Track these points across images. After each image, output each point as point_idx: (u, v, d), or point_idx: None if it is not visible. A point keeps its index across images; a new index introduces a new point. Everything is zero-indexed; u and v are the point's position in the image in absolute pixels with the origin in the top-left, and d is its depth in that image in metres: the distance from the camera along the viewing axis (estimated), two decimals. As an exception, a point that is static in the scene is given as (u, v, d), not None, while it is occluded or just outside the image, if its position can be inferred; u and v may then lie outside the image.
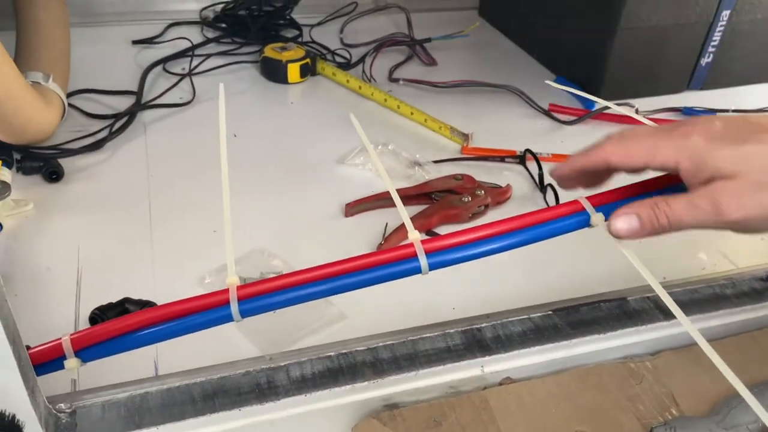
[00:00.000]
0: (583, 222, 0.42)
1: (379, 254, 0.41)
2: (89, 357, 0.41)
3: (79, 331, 0.41)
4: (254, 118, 0.89)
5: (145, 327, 0.40)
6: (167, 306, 0.41)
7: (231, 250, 0.41)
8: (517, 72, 1.04)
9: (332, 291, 0.41)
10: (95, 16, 1.12)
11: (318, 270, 0.41)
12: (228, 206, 0.43)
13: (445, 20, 1.18)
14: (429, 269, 0.41)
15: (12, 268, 0.61)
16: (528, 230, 0.42)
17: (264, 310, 0.41)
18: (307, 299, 0.41)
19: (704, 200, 0.37)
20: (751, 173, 0.36)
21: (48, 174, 0.71)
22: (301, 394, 0.44)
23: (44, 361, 0.41)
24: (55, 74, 0.78)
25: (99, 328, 0.41)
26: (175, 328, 0.40)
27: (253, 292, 0.40)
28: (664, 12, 0.90)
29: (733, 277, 0.57)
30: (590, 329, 0.51)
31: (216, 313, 0.40)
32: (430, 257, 0.40)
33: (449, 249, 0.41)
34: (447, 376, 0.47)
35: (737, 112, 0.93)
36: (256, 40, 1.05)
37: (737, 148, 0.36)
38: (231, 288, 0.40)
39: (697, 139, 0.37)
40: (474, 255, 0.42)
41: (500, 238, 0.42)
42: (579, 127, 0.90)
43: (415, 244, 0.41)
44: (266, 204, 0.71)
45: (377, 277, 0.41)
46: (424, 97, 0.95)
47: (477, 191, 0.70)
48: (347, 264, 0.41)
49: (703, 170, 0.37)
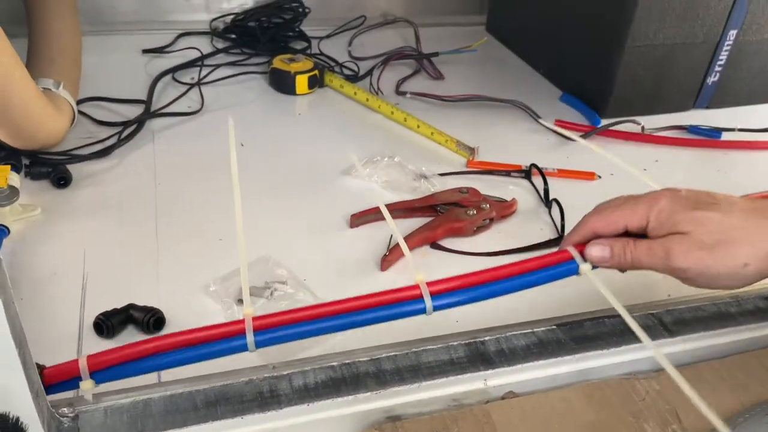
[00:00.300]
0: (572, 270, 0.47)
1: (387, 294, 0.45)
2: (103, 379, 0.42)
3: (96, 354, 0.42)
4: (262, 128, 0.89)
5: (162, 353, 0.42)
6: (184, 333, 0.43)
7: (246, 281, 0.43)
8: (523, 87, 1.04)
9: (342, 327, 0.44)
10: (107, 24, 1.14)
11: (329, 306, 0.44)
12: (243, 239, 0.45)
13: (453, 35, 1.19)
14: (433, 311, 0.44)
15: (18, 272, 0.61)
16: (523, 276, 0.46)
17: (277, 342, 0.43)
18: (318, 333, 0.44)
19: (660, 248, 0.45)
20: (698, 234, 0.44)
21: (56, 179, 0.72)
22: (304, 403, 0.44)
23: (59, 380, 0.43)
24: (66, 81, 0.78)
25: (116, 352, 0.42)
26: (191, 355, 0.42)
27: (267, 324, 0.43)
28: (671, 31, 0.91)
29: (738, 296, 0.57)
30: (594, 344, 0.51)
31: (231, 343, 0.42)
32: (434, 300, 0.44)
33: (451, 292, 0.45)
34: (450, 388, 0.47)
35: (743, 131, 0.93)
36: (265, 51, 1.06)
37: (693, 212, 0.44)
38: (247, 319, 0.42)
39: (665, 201, 0.45)
40: (473, 298, 0.46)
41: (497, 283, 0.46)
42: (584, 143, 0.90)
43: (421, 286, 0.44)
44: (272, 213, 0.72)
45: (385, 316, 0.44)
46: (431, 111, 0.95)
47: (482, 205, 0.71)
48: (357, 302, 0.44)
49: (666, 226, 0.45)
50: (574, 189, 0.80)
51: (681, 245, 0.44)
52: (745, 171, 0.88)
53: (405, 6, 1.30)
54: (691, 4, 0.89)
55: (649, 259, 0.45)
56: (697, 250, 0.43)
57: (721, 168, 0.88)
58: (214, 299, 0.59)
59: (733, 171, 0.88)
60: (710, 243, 0.43)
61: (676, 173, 0.87)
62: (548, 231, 0.72)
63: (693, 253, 0.43)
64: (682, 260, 0.43)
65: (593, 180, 0.82)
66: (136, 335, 0.55)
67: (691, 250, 0.43)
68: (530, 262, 0.47)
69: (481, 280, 0.46)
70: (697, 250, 0.43)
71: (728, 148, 0.92)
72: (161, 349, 0.41)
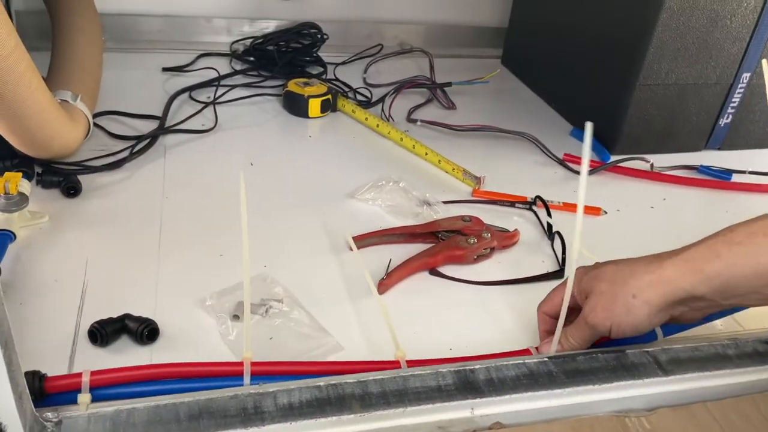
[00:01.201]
0: None
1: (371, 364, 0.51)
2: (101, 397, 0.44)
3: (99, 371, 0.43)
4: (272, 148, 0.90)
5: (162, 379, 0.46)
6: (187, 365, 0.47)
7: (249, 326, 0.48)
8: (535, 121, 1.05)
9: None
10: (131, 42, 1.17)
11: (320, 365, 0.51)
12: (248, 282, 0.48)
13: (469, 67, 1.20)
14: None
15: (20, 278, 0.62)
16: None
17: None
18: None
19: (581, 318, 0.51)
20: (599, 287, 0.49)
21: (66, 189, 0.73)
22: (287, 421, 0.44)
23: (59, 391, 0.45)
24: (84, 94, 0.80)
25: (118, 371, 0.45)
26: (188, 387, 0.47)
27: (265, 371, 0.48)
28: (683, 71, 0.91)
29: (737, 338, 0.56)
30: (585, 379, 0.50)
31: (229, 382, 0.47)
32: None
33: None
34: (435, 415, 0.47)
35: (754, 174, 0.93)
36: (281, 75, 1.08)
37: (595, 271, 0.51)
38: (246, 363, 0.47)
39: (580, 271, 0.52)
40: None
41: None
42: (592, 178, 0.90)
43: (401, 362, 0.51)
44: (275, 231, 0.72)
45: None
46: (440, 139, 0.96)
47: (484, 233, 0.71)
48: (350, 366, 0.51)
49: (582, 293, 0.51)
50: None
51: (590, 305, 0.50)
52: (755, 214, 0.87)
53: (423, 37, 1.31)
54: (705, 46, 0.90)
55: (582, 333, 0.51)
56: (599, 301, 0.49)
57: (730, 209, 0.87)
58: (209, 314, 0.59)
59: (742, 213, 0.86)
60: (607, 290, 0.49)
61: (684, 213, 0.86)
62: (549, 263, 0.71)
63: (598, 305, 0.49)
64: (594, 316, 0.49)
65: (599, 215, 0.81)
66: (130, 345, 0.55)
67: (598, 304, 0.49)
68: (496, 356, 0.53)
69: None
70: (599, 300, 0.49)
71: (738, 190, 0.91)
72: (162, 377, 0.44)
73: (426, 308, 0.64)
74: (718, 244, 0.47)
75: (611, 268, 0.50)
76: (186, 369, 0.45)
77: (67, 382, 0.43)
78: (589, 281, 0.51)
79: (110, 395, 0.44)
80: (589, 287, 0.50)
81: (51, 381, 0.43)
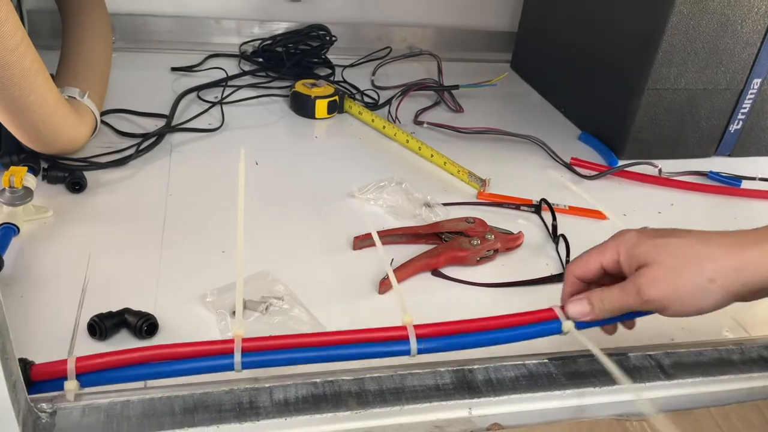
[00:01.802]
0: (555, 329, 0.48)
1: (375, 332, 0.46)
2: (89, 383, 0.43)
3: (86, 356, 0.43)
4: (278, 148, 0.91)
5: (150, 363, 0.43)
6: (173, 346, 0.44)
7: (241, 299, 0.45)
8: (543, 124, 1.04)
9: (328, 358, 0.45)
10: (141, 43, 1.18)
11: (318, 337, 0.46)
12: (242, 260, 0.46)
13: (478, 70, 1.20)
14: (417, 353, 0.45)
15: (23, 271, 0.62)
16: (509, 331, 0.48)
17: (263, 365, 0.44)
18: (304, 362, 0.45)
19: (631, 286, 0.46)
20: (663, 259, 0.45)
21: (71, 184, 0.74)
22: (282, 417, 0.44)
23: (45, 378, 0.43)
24: (92, 91, 0.81)
25: (104, 356, 0.43)
26: (177, 369, 0.44)
27: (256, 347, 0.44)
28: (693, 76, 0.90)
29: (742, 343, 0.55)
30: (586, 381, 0.50)
31: (219, 361, 0.44)
32: (420, 342, 0.45)
33: (437, 337, 0.46)
34: (432, 414, 0.46)
35: (764, 180, 0.92)
36: (289, 76, 1.08)
37: (655, 240, 0.46)
38: (237, 340, 0.44)
39: (630, 235, 0.47)
40: (457, 345, 0.47)
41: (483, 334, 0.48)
42: (599, 182, 0.89)
43: (408, 328, 0.46)
44: (278, 230, 0.72)
45: (370, 353, 0.46)
46: (447, 142, 0.96)
47: (487, 235, 0.70)
48: (345, 336, 0.46)
49: (634, 260, 0.46)
50: (584, 227, 0.79)
51: (648, 276, 0.45)
52: (764, 220, 0.86)
53: (432, 40, 1.31)
54: (715, 51, 0.89)
55: (625, 299, 0.46)
56: (663, 275, 0.44)
57: (739, 216, 0.86)
58: (209, 309, 0.59)
59: (751, 220, 0.86)
60: (675, 265, 0.44)
61: (692, 218, 0.85)
62: (553, 266, 0.71)
63: (660, 279, 0.44)
64: (654, 290, 0.44)
65: (604, 219, 0.80)
66: (129, 339, 0.55)
67: (658, 277, 0.44)
68: (517, 317, 0.49)
69: (468, 328, 0.47)
70: (664, 275, 0.44)
71: (748, 196, 0.90)
72: (150, 359, 0.42)
73: (427, 308, 0.63)
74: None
75: (678, 242, 0.45)
76: (173, 350, 0.43)
77: (54, 369, 0.42)
78: (647, 251, 0.46)
79: (97, 380, 0.42)
80: (647, 257, 0.45)
81: (37, 368, 0.42)
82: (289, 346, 0.45)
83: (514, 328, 0.48)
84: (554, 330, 0.48)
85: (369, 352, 0.46)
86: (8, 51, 0.57)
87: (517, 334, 0.48)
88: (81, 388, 0.43)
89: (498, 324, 0.48)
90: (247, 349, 0.43)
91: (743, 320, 0.66)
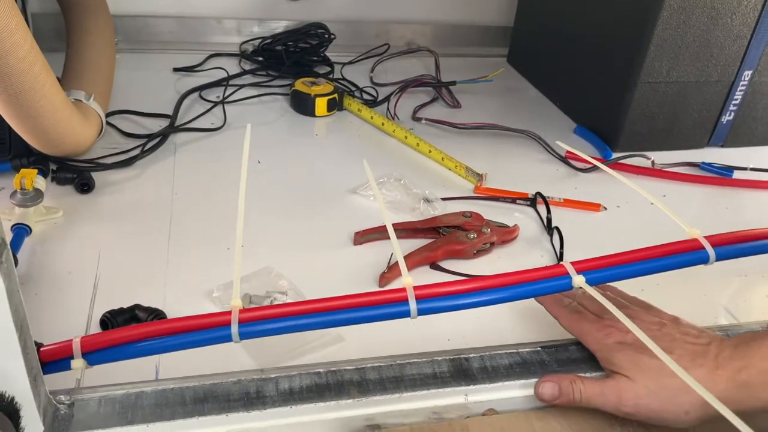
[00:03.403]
0: (566, 285, 0.46)
1: (373, 295, 0.44)
2: (95, 361, 0.45)
3: (89, 335, 0.44)
4: (279, 146, 0.93)
5: (151, 338, 0.44)
6: (174, 320, 0.44)
7: (238, 276, 0.44)
8: (539, 118, 1.06)
9: (326, 324, 0.44)
10: (143, 43, 1.20)
11: (315, 303, 0.44)
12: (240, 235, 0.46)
13: (475, 65, 1.22)
14: (417, 314, 0.44)
15: (36, 270, 0.64)
16: (514, 288, 0.46)
17: (261, 335, 0.44)
18: (302, 329, 0.44)
19: (612, 394, 0.47)
20: (644, 380, 0.47)
21: (80, 185, 0.76)
22: (287, 405, 0.46)
23: (53, 359, 0.45)
24: (97, 94, 0.83)
25: (108, 334, 0.44)
26: (178, 342, 0.44)
27: (253, 317, 0.43)
28: (684, 69, 0.92)
29: (729, 329, 0.57)
30: (578, 368, 0.52)
31: (217, 333, 0.43)
32: (420, 303, 0.44)
33: (438, 297, 0.45)
34: (430, 401, 0.48)
35: (756, 170, 0.93)
36: (289, 74, 1.10)
37: (636, 355, 0.48)
38: (234, 310, 0.43)
39: (612, 341, 0.50)
40: (461, 305, 0.45)
41: (487, 292, 0.45)
42: (594, 175, 0.91)
43: (407, 289, 0.44)
44: (280, 226, 0.74)
45: (369, 316, 0.44)
46: (445, 137, 0.98)
47: (484, 229, 0.72)
48: (342, 301, 0.44)
49: (611, 365, 0.49)
50: (578, 219, 0.81)
51: (630, 391, 0.47)
52: (756, 210, 0.88)
53: (430, 36, 1.33)
54: (706, 44, 0.91)
55: (601, 401, 0.48)
56: (645, 396, 0.47)
57: (731, 206, 0.88)
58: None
59: (743, 209, 0.88)
60: (655, 389, 0.47)
61: (685, 209, 0.87)
62: (548, 258, 0.73)
63: (642, 399, 0.47)
64: (632, 407, 0.47)
65: (598, 211, 0.83)
66: (140, 335, 0.58)
67: (640, 397, 0.47)
68: (521, 274, 0.47)
69: (469, 288, 0.45)
70: (645, 396, 0.47)
71: (740, 186, 0.92)
72: (151, 335, 0.42)
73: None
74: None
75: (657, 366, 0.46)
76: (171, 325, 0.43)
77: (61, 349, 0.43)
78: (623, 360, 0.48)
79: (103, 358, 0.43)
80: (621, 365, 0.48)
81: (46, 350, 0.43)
82: (287, 314, 0.43)
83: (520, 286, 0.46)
84: (564, 286, 0.46)
85: (368, 316, 0.44)
86: (19, 59, 0.59)
87: (521, 292, 0.46)
88: (88, 366, 0.44)
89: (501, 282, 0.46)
90: (245, 319, 0.43)
91: (735, 309, 0.69)
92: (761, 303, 0.71)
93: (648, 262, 0.47)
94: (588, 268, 0.46)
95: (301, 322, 0.43)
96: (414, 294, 0.44)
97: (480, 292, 0.45)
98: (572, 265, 0.46)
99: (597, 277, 0.46)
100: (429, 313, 0.44)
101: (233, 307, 0.43)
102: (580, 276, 0.46)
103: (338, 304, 0.44)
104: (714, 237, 0.48)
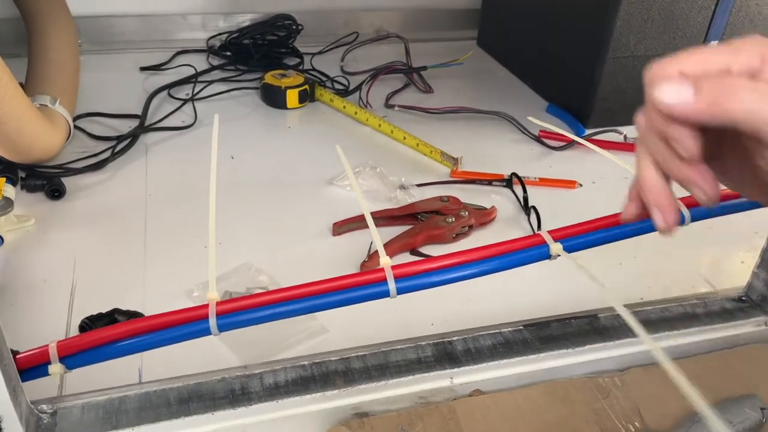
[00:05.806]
0: (543, 254, 0.45)
1: (351, 277, 0.44)
2: (74, 364, 0.44)
3: (65, 339, 0.43)
4: (252, 141, 0.92)
5: (129, 337, 0.42)
6: (150, 318, 0.43)
7: (214, 268, 0.43)
8: (511, 99, 1.07)
9: (306, 310, 0.43)
10: (107, 44, 1.18)
11: (293, 290, 0.43)
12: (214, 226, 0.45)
13: (445, 50, 1.22)
14: (397, 293, 0.43)
15: (10, 280, 0.63)
16: (492, 260, 0.45)
17: (240, 325, 0.43)
18: (282, 317, 0.43)
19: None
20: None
21: (50, 191, 0.75)
22: (273, 400, 0.46)
23: (31, 366, 0.44)
24: (63, 98, 0.81)
25: (84, 337, 0.43)
26: (156, 339, 0.43)
27: (230, 309, 0.42)
28: (651, 42, 0.93)
29: (705, 297, 0.58)
30: (559, 344, 0.52)
31: (195, 327, 0.42)
32: (399, 282, 0.43)
33: (417, 275, 0.44)
34: (416, 386, 0.49)
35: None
36: (258, 68, 1.09)
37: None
38: (210, 303, 0.42)
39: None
40: (440, 281, 0.44)
41: (465, 267, 0.45)
42: (567, 153, 0.92)
43: (385, 269, 0.43)
44: (258, 221, 0.74)
45: (348, 299, 0.43)
46: (418, 123, 0.97)
47: (461, 212, 0.73)
48: (321, 285, 0.43)
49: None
50: (555, 197, 0.81)
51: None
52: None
53: (399, 22, 1.33)
54: (671, 16, 0.91)
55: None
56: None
57: (703, 176, 0.89)
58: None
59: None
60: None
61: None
62: (526, 237, 0.73)
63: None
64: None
65: (574, 188, 0.83)
66: (121, 339, 0.57)
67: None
68: (498, 246, 0.46)
69: (448, 264, 0.45)
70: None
71: (711, 156, 0.93)
72: (128, 334, 0.42)
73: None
74: None
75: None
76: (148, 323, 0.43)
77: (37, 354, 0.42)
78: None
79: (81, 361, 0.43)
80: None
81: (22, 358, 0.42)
82: (265, 303, 0.43)
83: (497, 258, 0.45)
84: (542, 255, 0.45)
85: (347, 299, 0.44)
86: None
87: (500, 264, 0.45)
88: (67, 370, 0.44)
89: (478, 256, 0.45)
90: (222, 311, 0.42)
91: (709, 275, 0.70)
92: (738, 269, 0.72)
93: (624, 227, 0.47)
94: (565, 236, 0.45)
95: (280, 310, 0.43)
96: (392, 273, 0.43)
97: (458, 267, 0.45)
98: (549, 234, 0.46)
99: (574, 243, 0.46)
100: (408, 291, 0.44)
101: (210, 300, 0.42)
102: (557, 243, 0.45)
103: (316, 289, 0.43)
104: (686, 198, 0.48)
